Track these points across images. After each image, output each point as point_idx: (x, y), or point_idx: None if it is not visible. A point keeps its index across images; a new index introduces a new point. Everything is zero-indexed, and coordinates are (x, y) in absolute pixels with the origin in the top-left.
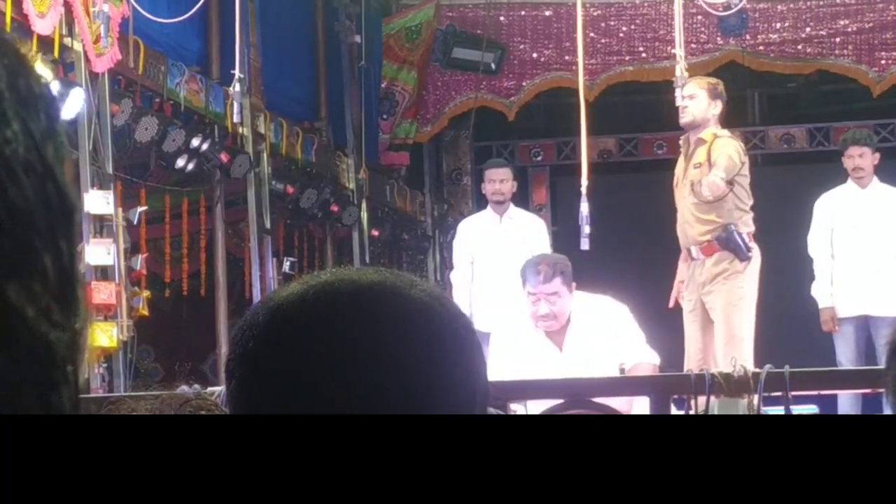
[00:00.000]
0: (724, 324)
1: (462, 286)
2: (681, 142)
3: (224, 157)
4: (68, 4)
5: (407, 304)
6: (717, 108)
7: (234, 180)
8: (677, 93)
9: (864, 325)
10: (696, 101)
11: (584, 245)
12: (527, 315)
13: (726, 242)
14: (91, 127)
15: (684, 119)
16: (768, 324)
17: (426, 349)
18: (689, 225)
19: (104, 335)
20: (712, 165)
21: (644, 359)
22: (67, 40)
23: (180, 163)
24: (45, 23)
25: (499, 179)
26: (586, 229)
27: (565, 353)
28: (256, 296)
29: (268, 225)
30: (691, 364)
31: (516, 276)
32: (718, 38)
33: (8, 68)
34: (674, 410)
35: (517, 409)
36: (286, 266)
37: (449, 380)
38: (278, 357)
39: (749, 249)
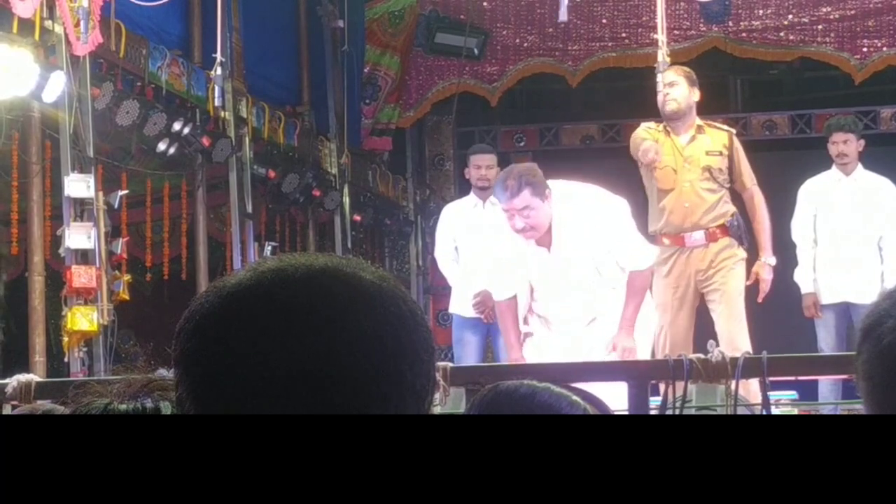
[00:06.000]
0: (730, 308)
1: (447, 264)
2: (660, 126)
3: (206, 141)
4: None
5: (360, 285)
6: (696, 95)
7: (216, 164)
8: (658, 78)
9: (846, 312)
10: (678, 88)
11: None
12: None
13: (736, 229)
14: (72, 110)
15: (670, 107)
16: (751, 309)
17: (378, 328)
18: (696, 211)
19: (84, 319)
20: (732, 161)
21: (640, 264)
22: (48, 23)
23: (161, 146)
24: (25, 5)
25: (485, 165)
26: None
27: (554, 252)
28: None
29: (249, 209)
30: (678, 350)
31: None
32: (701, 25)
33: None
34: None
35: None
36: (268, 250)
37: (399, 355)
38: (240, 344)
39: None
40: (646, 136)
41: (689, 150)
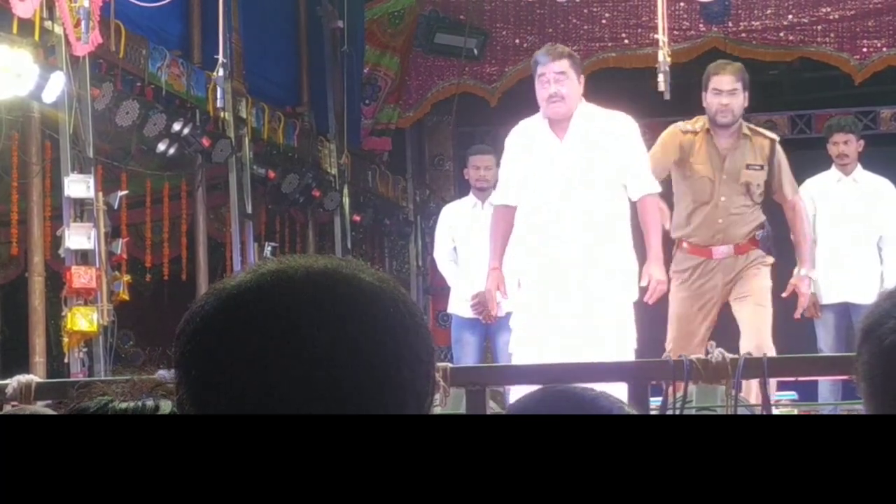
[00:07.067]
0: (756, 304)
1: (446, 264)
2: (699, 124)
3: (205, 141)
4: None
5: (360, 287)
6: (747, 100)
7: (216, 165)
8: (660, 78)
9: (846, 313)
10: (737, 98)
11: None
12: (540, 100)
13: (765, 241)
14: (72, 111)
15: (725, 119)
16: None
17: (379, 329)
18: (730, 228)
19: (84, 319)
20: (772, 172)
21: (649, 188)
22: (48, 24)
23: (161, 147)
24: (25, 6)
25: (483, 166)
26: None
27: (565, 142)
28: None
29: (249, 210)
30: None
31: None
32: (701, 26)
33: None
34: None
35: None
36: (267, 251)
37: (399, 356)
38: (240, 346)
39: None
40: (673, 142)
41: (730, 161)
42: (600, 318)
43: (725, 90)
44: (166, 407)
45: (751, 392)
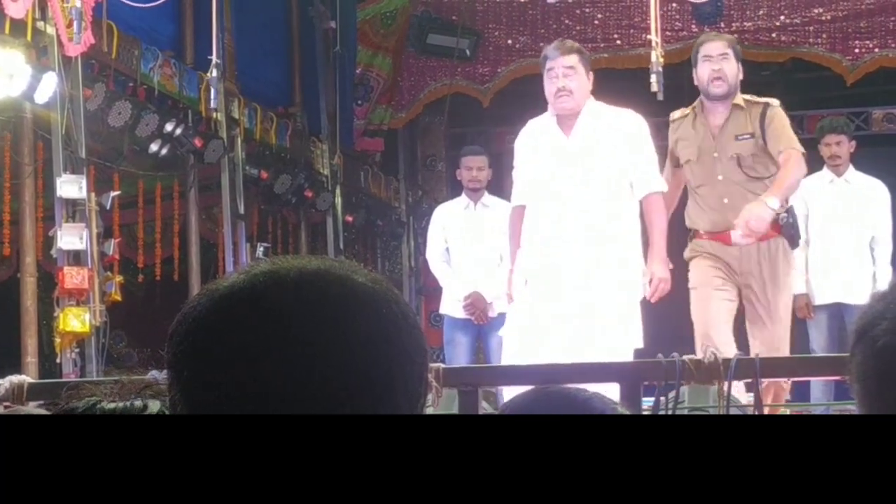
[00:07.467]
0: (774, 328)
1: (438, 264)
2: (689, 109)
3: (198, 141)
4: None
5: (353, 288)
6: (741, 72)
7: (208, 165)
8: (652, 78)
9: (838, 313)
10: (729, 63)
11: None
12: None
13: (790, 227)
14: (64, 111)
15: (719, 90)
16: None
17: (372, 330)
18: (739, 206)
19: (76, 320)
20: (765, 135)
21: (653, 187)
22: (40, 24)
23: (154, 147)
24: (17, 6)
25: (476, 167)
26: None
27: (572, 139)
28: None
29: (241, 210)
30: (715, 327)
31: (489, 261)
32: (693, 26)
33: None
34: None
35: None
36: (260, 251)
37: (391, 357)
38: (233, 347)
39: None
40: (671, 136)
41: (720, 136)
42: (600, 317)
43: (716, 55)
44: (154, 407)
45: (769, 393)
